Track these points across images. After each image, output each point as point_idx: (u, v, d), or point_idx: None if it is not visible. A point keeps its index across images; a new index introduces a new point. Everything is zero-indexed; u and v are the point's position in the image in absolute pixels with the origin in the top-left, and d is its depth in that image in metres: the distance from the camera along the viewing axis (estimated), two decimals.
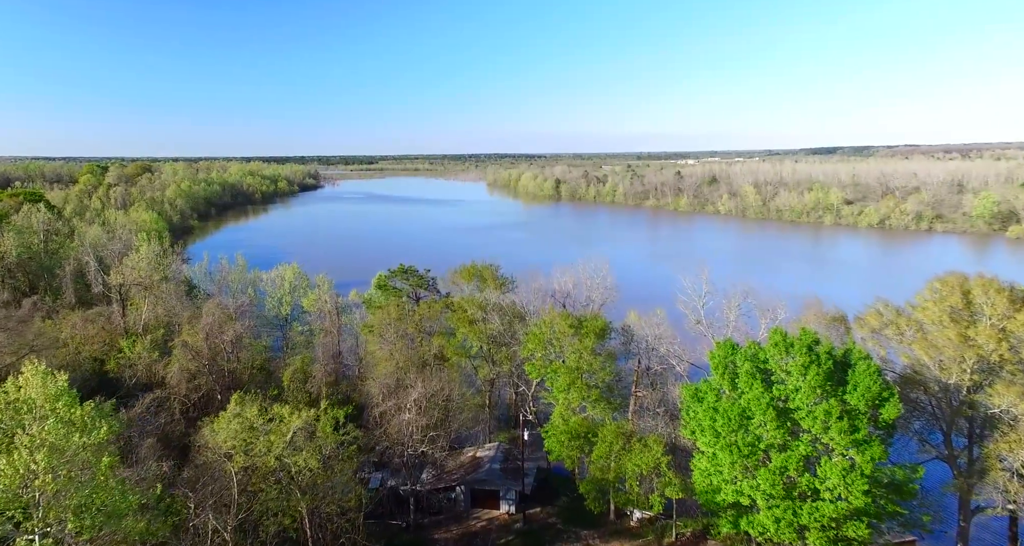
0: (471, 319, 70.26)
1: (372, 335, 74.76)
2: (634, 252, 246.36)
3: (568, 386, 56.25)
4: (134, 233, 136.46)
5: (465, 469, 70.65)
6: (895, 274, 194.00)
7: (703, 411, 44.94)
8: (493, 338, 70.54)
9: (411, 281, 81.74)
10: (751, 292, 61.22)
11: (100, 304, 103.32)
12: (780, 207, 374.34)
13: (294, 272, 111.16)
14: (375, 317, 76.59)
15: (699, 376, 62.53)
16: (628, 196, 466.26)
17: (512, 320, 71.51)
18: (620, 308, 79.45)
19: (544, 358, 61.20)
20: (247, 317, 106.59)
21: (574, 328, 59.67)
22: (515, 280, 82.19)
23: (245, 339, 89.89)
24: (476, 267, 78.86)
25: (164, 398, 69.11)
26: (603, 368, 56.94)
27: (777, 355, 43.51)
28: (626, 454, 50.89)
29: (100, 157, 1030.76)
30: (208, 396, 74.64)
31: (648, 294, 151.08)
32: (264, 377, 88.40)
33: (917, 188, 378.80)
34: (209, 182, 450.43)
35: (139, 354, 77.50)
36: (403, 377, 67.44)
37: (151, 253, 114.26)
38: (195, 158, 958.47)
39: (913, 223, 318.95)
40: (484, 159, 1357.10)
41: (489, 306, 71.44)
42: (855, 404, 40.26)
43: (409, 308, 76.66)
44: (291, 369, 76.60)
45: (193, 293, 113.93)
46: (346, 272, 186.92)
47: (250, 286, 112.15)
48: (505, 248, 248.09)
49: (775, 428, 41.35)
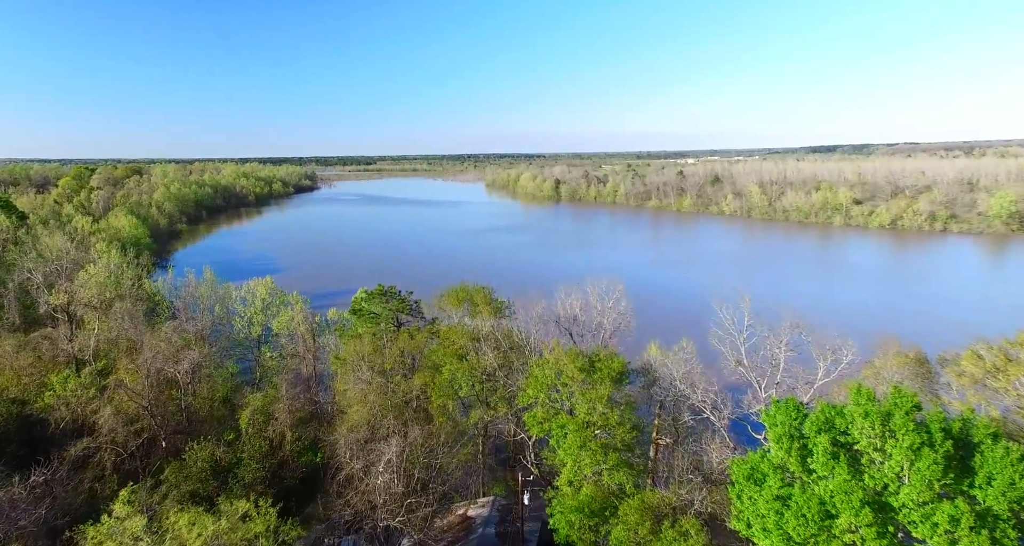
0: (460, 353, 58.70)
1: (344, 368, 63.00)
2: (641, 257, 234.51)
3: (579, 447, 44.59)
4: (92, 244, 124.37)
5: (454, 533, 59.14)
6: (925, 280, 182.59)
7: (765, 501, 33.29)
8: (487, 375, 59.00)
9: (391, 305, 69.64)
10: (802, 324, 49.33)
11: (50, 325, 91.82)
12: (787, 207, 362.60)
13: (267, 288, 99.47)
14: (347, 348, 64.78)
15: (740, 430, 50.99)
16: (630, 196, 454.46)
17: (509, 353, 59.89)
18: (637, 336, 67.92)
19: (548, 407, 49.61)
20: (214, 340, 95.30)
21: (585, 371, 48.07)
22: (512, 304, 70.41)
23: (205, 368, 78.53)
24: (466, 289, 67.18)
25: (95, 448, 57.86)
26: (622, 423, 45.28)
27: (866, 426, 31.91)
28: (656, 542, 39.37)
29: (97, 159, 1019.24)
30: (151, 442, 63.28)
31: (664, 311, 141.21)
32: (227, 412, 77.04)
33: (928, 187, 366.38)
34: (200, 184, 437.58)
35: (73, 391, 65.80)
36: (378, 424, 56.05)
37: (108, 267, 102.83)
38: (192, 159, 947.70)
39: (927, 224, 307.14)
40: (483, 159, 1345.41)
41: (482, 336, 59.97)
42: (990, 505, 28.73)
43: (388, 338, 64.85)
44: (250, 409, 64.90)
45: (158, 311, 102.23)
46: (332, 281, 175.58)
47: (218, 303, 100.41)
48: (503, 253, 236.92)
49: (875, 537, 29.74)
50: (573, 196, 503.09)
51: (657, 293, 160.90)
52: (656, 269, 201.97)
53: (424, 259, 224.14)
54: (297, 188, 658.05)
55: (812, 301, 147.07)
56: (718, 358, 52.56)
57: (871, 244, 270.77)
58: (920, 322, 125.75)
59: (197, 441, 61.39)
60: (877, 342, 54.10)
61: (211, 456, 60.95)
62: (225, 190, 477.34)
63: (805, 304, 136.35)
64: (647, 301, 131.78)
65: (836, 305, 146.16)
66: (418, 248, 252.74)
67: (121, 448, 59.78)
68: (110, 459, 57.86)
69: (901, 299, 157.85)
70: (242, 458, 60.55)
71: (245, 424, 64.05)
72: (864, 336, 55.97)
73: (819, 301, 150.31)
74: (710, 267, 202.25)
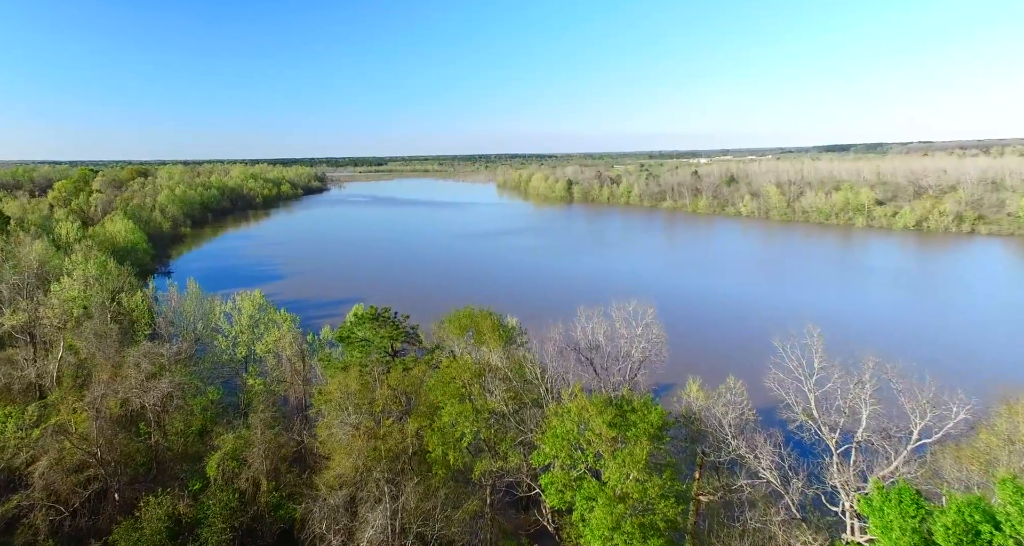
0: (463, 392, 49.20)
1: (329, 407, 53.52)
2: (662, 261, 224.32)
3: (610, 528, 35.02)
4: (76, 252, 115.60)
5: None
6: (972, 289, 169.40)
7: None
8: (495, 417, 49.48)
9: (384, 331, 59.93)
10: (883, 365, 39.31)
11: (10, 347, 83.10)
12: (806, 208, 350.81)
13: (254, 303, 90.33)
14: (332, 382, 55.28)
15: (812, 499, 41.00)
16: (643, 197, 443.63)
17: (522, 390, 50.34)
18: (670, 363, 57.89)
19: (568, 466, 40.10)
20: (197, 361, 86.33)
21: (616, 427, 38.45)
22: (525, 330, 60.62)
23: (178, 399, 69.39)
24: (471, 314, 57.46)
25: (27, 507, 48.85)
26: (665, 496, 35.73)
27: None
28: None
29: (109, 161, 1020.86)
30: (102, 495, 54.18)
31: (698, 326, 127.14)
32: (204, 447, 67.72)
33: (952, 187, 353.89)
34: (207, 186, 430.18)
35: (13, 433, 56.65)
36: (364, 480, 46.64)
37: (84, 280, 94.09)
38: (204, 161, 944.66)
39: (954, 225, 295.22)
40: (494, 159, 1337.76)
41: (488, 372, 50.47)
42: None
43: (378, 372, 55.34)
44: (219, 454, 55.61)
45: (136, 329, 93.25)
46: (332, 290, 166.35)
47: (200, 321, 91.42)
48: (515, 256, 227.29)
49: None
50: (586, 197, 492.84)
51: (687, 305, 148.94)
52: (682, 275, 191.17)
53: (430, 264, 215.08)
54: (306, 189, 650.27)
55: (880, 324, 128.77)
56: (774, 401, 42.44)
57: (904, 247, 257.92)
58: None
59: (155, 493, 52.34)
60: (998, 396, 43.52)
61: (171, 512, 51.87)
62: (232, 192, 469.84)
63: (872, 328, 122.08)
64: (677, 315, 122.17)
65: (910, 329, 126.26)
66: (425, 252, 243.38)
67: (62, 506, 50.55)
68: (45, 520, 48.54)
69: (992, 322, 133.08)
70: (208, 514, 51.47)
71: (213, 472, 54.84)
72: (961, 377, 45.75)
73: (889, 324, 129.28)
74: (741, 274, 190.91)
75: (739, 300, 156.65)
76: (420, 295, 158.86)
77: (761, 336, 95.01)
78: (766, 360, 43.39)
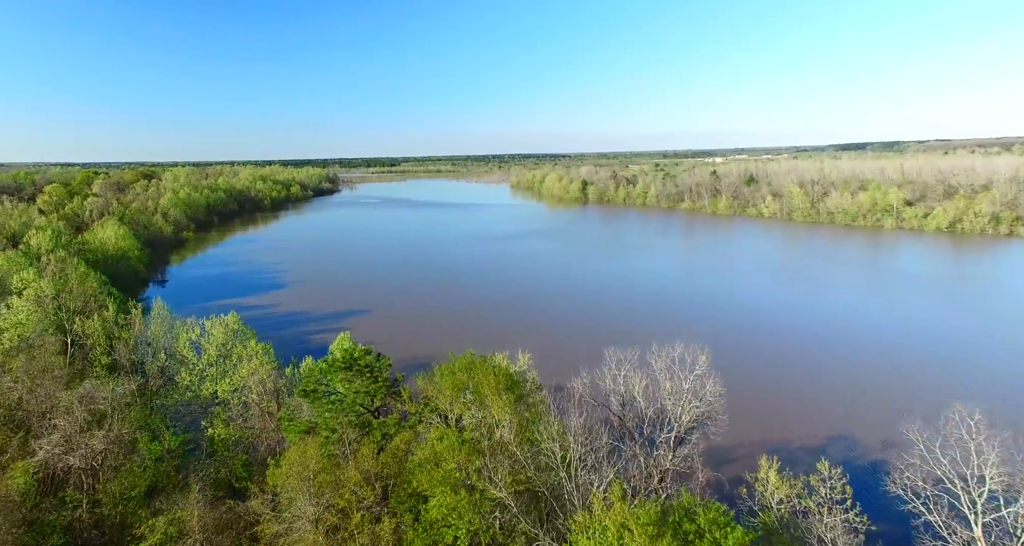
0: (457, 478, 36.58)
1: (284, 488, 40.95)
2: (690, 266, 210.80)
3: None
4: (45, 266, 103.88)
5: None
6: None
7: None
8: (499, 508, 36.79)
9: (359, 384, 46.35)
10: None
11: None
12: (831, 209, 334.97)
13: (227, 329, 77.87)
14: (292, 452, 42.53)
15: None
16: (661, 198, 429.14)
17: (534, 477, 37.56)
18: (735, 429, 44.64)
19: None
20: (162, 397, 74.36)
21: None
22: (540, 384, 47.65)
23: (115, 455, 57.29)
24: (470, 364, 44.12)
25: None
26: None
27: None
28: None
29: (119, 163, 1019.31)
30: None
31: (748, 353, 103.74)
32: (148, 514, 55.37)
33: (985, 186, 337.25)
34: (213, 189, 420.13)
35: None
36: None
37: (31, 301, 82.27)
38: (215, 162, 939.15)
39: (990, 227, 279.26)
40: (507, 159, 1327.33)
41: (489, 449, 37.75)
42: None
43: (351, 439, 42.61)
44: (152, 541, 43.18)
45: (90, 360, 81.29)
46: (331, 303, 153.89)
47: (163, 350, 79.18)
48: (529, 263, 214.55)
49: None
50: (601, 197, 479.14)
51: (733, 332, 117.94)
52: (720, 286, 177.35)
53: (436, 270, 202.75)
54: (317, 191, 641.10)
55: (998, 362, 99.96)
56: (890, 502, 29.13)
57: (937, 249, 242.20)
58: None
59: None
60: None
61: None
62: (240, 194, 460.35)
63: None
64: (718, 335, 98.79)
65: None
66: (433, 258, 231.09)
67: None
68: None
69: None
70: None
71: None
72: None
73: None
74: (783, 283, 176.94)
75: (797, 321, 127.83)
76: (422, 304, 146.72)
77: (845, 382, 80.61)
78: (861, 423, 30.33)
